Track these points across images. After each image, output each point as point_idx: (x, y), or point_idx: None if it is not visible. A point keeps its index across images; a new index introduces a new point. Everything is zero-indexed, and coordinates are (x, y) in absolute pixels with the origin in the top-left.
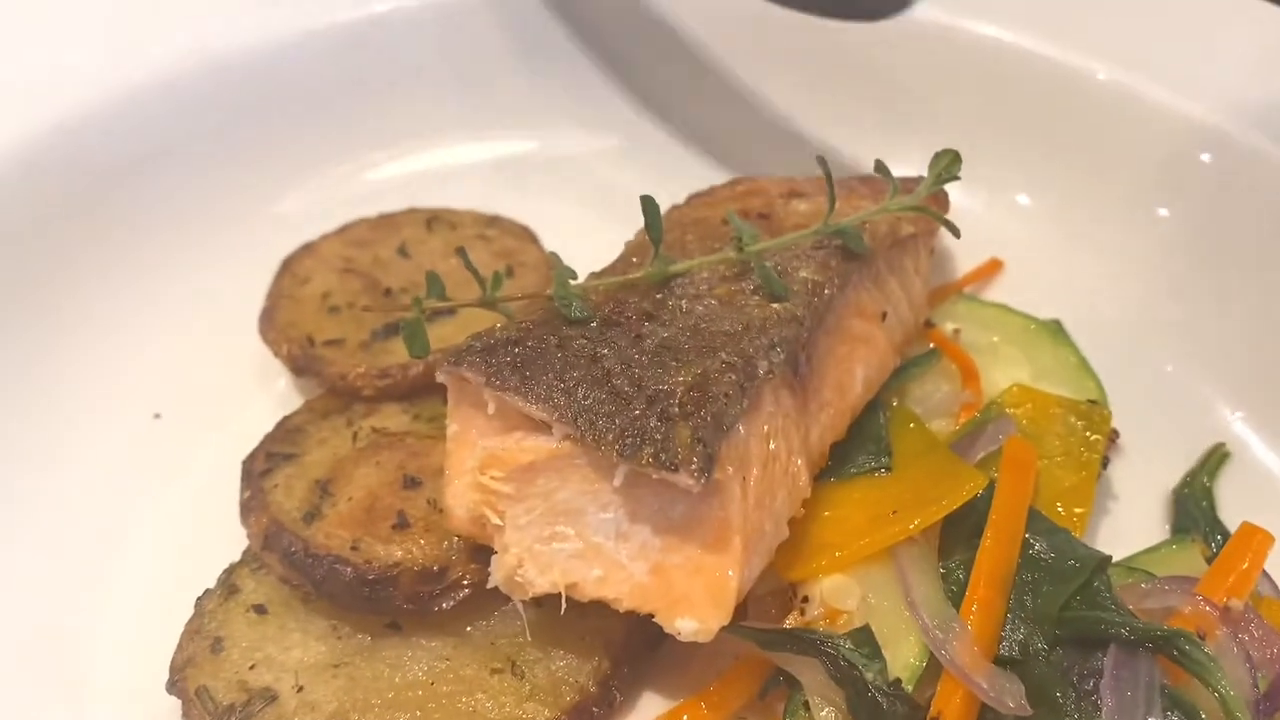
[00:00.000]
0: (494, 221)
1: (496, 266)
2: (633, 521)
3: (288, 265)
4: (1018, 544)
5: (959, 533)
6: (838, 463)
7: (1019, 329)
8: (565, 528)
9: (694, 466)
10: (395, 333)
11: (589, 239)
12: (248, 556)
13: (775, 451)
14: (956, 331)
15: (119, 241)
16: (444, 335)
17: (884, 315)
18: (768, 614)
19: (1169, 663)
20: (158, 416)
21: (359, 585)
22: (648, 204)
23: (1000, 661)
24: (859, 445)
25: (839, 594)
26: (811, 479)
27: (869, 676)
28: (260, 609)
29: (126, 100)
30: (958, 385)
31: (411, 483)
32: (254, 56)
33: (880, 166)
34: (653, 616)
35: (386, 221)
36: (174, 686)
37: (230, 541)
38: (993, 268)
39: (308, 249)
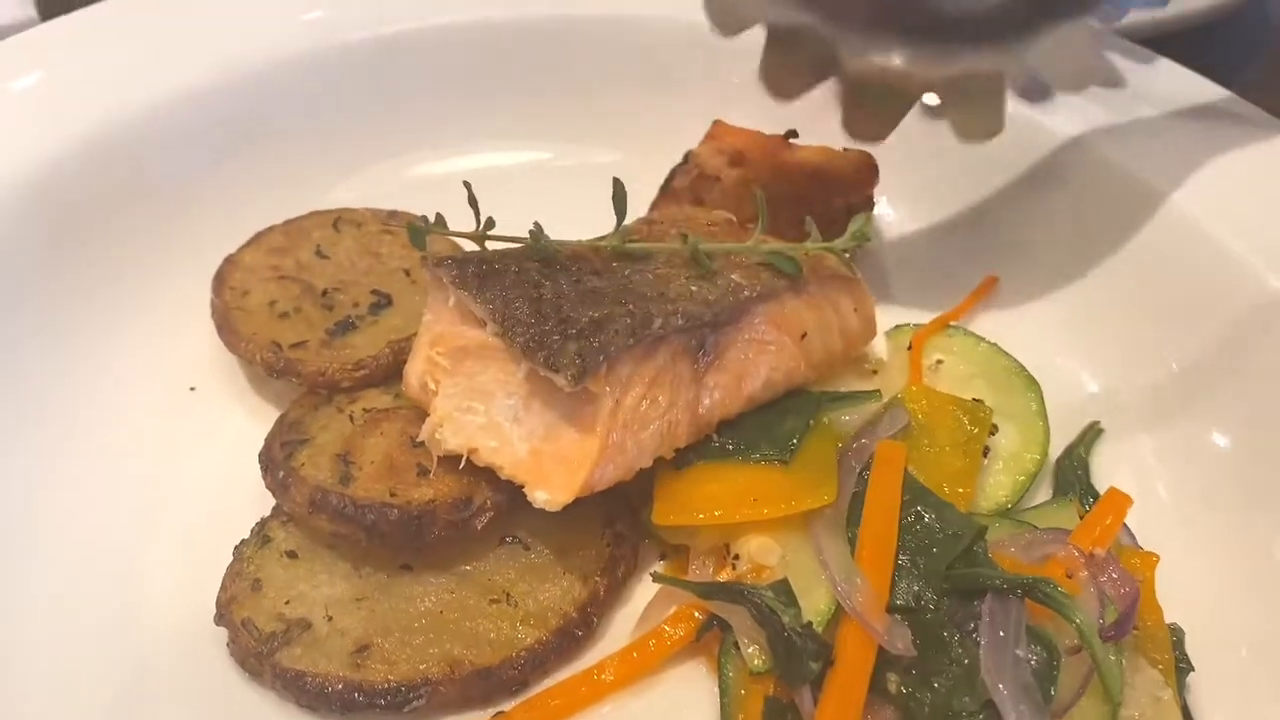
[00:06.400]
0: (393, 215)
1: (406, 255)
2: (527, 411)
3: (222, 279)
4: (893, 520)
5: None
6: (747, 447)
7: (999, 369)
8: (478, 404)
9: (570, 373)
10: (348, 329)
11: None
12: (277, 511)
13: (656, 397)
14: (939, 362)
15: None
16: (393, 325)
17: (803, 335)
18: (705, 570)
19: (1034, 606)
20: (193, 389)
21: (405, 522)
22: (617, 185)
23: (897, 610)
24: (765, 441)
25: (763, 553)
26: (690, 437)
27: (786, 620)
28: (292, 554)
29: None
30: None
31: (418, 442)
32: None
33: (807, 221)
34: (523, 486)
35: (294, 227)
36: (221, 619)
37: (257, 499)
38: (989, 285)
39: (231, 262)
